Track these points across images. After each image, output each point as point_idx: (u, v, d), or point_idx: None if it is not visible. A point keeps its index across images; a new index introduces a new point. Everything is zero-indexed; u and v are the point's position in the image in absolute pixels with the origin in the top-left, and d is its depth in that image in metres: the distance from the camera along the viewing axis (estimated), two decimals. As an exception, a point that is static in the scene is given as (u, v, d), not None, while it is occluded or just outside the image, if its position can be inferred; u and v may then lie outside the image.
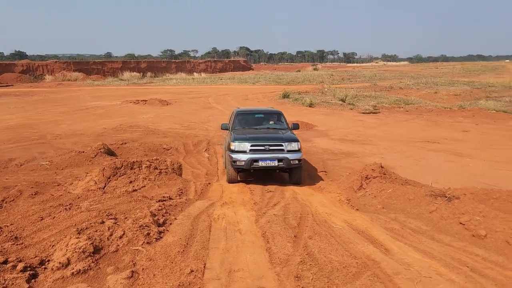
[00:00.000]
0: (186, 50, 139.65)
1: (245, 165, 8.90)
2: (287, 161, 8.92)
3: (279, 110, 11.81)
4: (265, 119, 11.07)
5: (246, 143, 9.06)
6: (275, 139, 9.34)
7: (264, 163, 8.93)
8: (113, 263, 4.22)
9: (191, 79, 55.17)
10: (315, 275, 3.80)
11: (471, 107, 24.86)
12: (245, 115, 11.24)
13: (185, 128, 18.14)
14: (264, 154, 8.99)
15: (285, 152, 9.02)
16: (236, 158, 8.99)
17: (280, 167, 9.03)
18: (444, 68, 73.13)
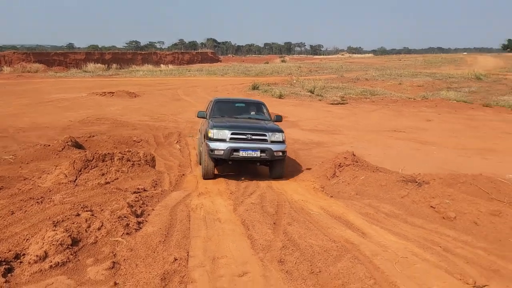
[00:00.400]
0: (152, 42, 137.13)
1: (224, 154, 8.21)
2: (271, 152, 8.31)
3: (261, 101, 11.22)
4: (246, 109, 10.46)
5: (226, 131, 8.34)
6: (258, 129, 8.67)
7: (245, 153, 8.26)
8: (93, 254, 4.15)
9: (159, 71, 54.18)
10: (298, 259, 3.88)
11: (434, 97, 25.76)
12: (224, 103, 10.60)
13: (154, 120, 17.87)
14: (245, 144, 8.32)
15: (269, 143, 8.41)
16: (214, 146, 8.24)
17: (262, 159, 8.41)
18: (407, 60, 75.12)
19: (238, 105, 10.59)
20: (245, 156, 8.29)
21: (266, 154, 8.29)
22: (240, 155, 8.26)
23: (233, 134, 8.34)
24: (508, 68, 46.21)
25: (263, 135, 8.47)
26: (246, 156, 8.29)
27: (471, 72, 36.50)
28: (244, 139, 8.35)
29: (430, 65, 57.79)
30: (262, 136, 8.46)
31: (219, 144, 8.24)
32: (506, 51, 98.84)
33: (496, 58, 68.51)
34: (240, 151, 8.23)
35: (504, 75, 36.64)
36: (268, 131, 8.56)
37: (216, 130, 8.37)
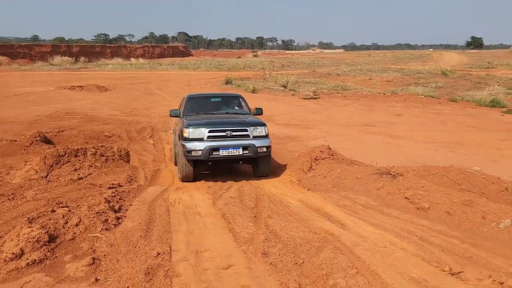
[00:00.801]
0: (122, 35, 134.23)
1: (202, 155, 7.50)
2: (254, 148, 7.64)
3: (238, 94, 10.65)
4: (223, 104, 9.74)
5: (203, 129, 7.68)
6: (238, 124, 8.03)
7: (226, 152, 7.58)
8: (71, 251, 4.06)
9: (129, 65, 53.17)
10: (281, 251, 3.92)
11: (403, 92, 26.38)
12: (199, 99, 9.96)
13: (126, 115, 17.56)
14: (225, 141, 7.65)
15: (251, 139, 7.76)
16: (190, 147, 7.54)
17: (245, 156, 7.74)
18: (376, 55, 76.56)
19: (214, 100, 9.89)
20: (226, 155, 7.63)
21: (249, 151, 7.65)
22: (220, 155, 7.58)
23: (211, 132, 7.70)
24: (472, 64, 47.81)
25: (244, 130, 7.83)
26: (227, 155, 7.63)
27: (437, 68, 37.53)
28: (223, 137, 7.71)
29: (399, 61, 59.12)
30: (243, 132, 7.82)
31: (196, 144, 7.59)
32: (470, 48, 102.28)
33: (460, 55, 70.72)
34: (220, 150, 7.56)
35: (468, 71, 37.90)
36: (249, 126, 7.92)
37: (192, 129, 7.71)
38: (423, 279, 3.44)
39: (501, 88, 25.26)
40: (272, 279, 3.39)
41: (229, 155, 7.63)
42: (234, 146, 7.61)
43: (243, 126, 7.93)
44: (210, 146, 7.54)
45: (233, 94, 10.96)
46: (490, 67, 42.74)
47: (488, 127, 15.84)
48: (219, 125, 7.93)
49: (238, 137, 7.76)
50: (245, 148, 7.64)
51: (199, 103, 9.52)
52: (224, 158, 7.71)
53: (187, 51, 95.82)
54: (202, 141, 7.61)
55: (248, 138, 7.77)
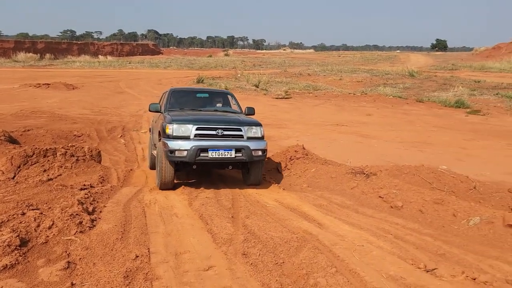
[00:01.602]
0: (89, 32, 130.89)
1: (188, 156, 6.50)
2: (248, 151, 6.69)
3: (228, 91, 9.81)
4: (210, 100, 8.73)
5: (190, 126, 6.69)
6: (230, 122, 7.08)
7: (216, 154, 6.58)
8: (44, 255, 3.93)
9: (97, 62, 51.96)
10: (261, 251, 3.93)
11: (372, 92, 26.96)
12: (183, 93, 8.97)
13: (96, 114, 17.14)
14: (215, 141, 6.69)
15: (245, 140, 6.85)
16: (174, 146, 6.53)
17: (237, 160, 6.77)
18: (346, 56, 77.83)
19: (201, 96, 8.90)
20: (216, 158, 6.61)
21: (242, 154, 6.69)
22: (209, 157, 6.57)
23: (199, 130, 6.71)
24: (437, 66, 49.36)
25: (238, 130, 6.92)
26: (216, 158, 6.61)
27: (405, 69, 38.55)
28: (213, 136, 6.75)
29: (367, 62, 60.34)
30: (236, 131, 6.90)
31: (181, 143, 6.57)
32: (435, 50, 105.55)
33: (426, 57, 72.85)
34: (209, 151, 6.56)
35: (434, 73, 39.12)
36: (243, 125, 7.00)
37: (176, 125, 6.68)
38: (400, 276, 3.53)
39: (465, 89, 26.20)
40: (253, 279, 3.39)
41: (219, 157, 6.62)
42: (225, 148, 6.64)
43: (236, 125, 6.98)
44: (197, 146, 6.52)
45: (222, 91, 9.79)
46: (454, 69, 44.26)
47: (453, 127, 16.42)
48: (208, 122, 6.93)
49: (230, 137, 6.83)
50: (238, 151, 6.69)
51: (184, 97, 8.53)
52: (213, 161, 6.70)
53: (157, 49, 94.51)
54: (188, 140, 6.61)
55: (241, 139, 6.85)
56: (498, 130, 15.79)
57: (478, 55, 64.45)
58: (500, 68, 41.10)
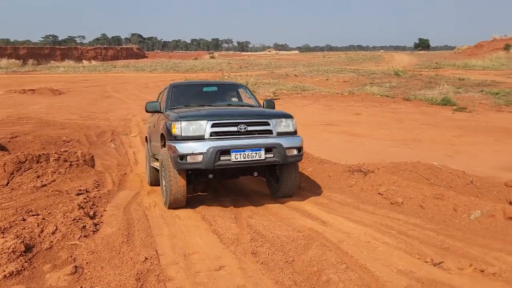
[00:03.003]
0: (72, 36, 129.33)
1: (204, 161, 5.13)
2: (281, 150, 5.40)
3: (240, 83, 8.24)
4: (221, 95, 7.34)
5: (203, 122, 5.33)
6: (254, 114, 5.80)
7: (242, 156, 5.22)
8: (49, 260, 3.87)
9: (81, 67, 51.48)
10: (269, 250, 3.93)
11: (359, 92, 27.19)
12: (187, 88, 7.51)
13: (84, 119, 16.97)
14: (239, 140, 5.35)
15: (275, 136, 5.56)
16: (185, 150, 5.15)
17: (268, 162, 5.42)
18: (331, 57, 78.38)
19: (208, 90, 7.41)
20: (241, 161, 5.26)
21: (274, 154, 5.39)
22: (232, 160, 5.21)
23: (215, 126, 5.35)
24: (421, 65, 50.04)
25: (265, 124, 5.60)
26: (242, 161, 5.26)
27: (390, 68, 38.97)
28: (234, 134, 5.42)
29: (353, 62, 60.87)
30: (263, 126, 5.59)
31: (194, 144, 5.20)
32: (418, 49, 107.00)
33: (409, 56, 73.84)
34: (232, 152, 5.20)
35: (419, 72, 39.64)
36: (271, 117, 5.68)
37: (185, 123, 5.32)
38: (410, 270, 3.57)
39: (450, 87, 26.60)
40: (266, 278, 3.39)
41: (245, 160, 5.26)
42: (252, 147, 5.29)
43: (262, 118, 5.69)
44: (216, 148, 5.15)
45: (233, 83, 8.30)
46: (438, 68, 44.94)
47: (441, 124, 16.64)
48: (227, 116, 5.60)
49: (255, 134, 5.50)
50: (269, 150, 5.37)
51: (187, 93, 7.15)
52: (237, 166, 5.36)
53: (141, 52, 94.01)
54: (202, 140, 5.26)
55: (270, 136, 5.55)
56: (485, 126, 16.06)
57: (460, 54, 65.60)
58: (483, 66, 41.86)
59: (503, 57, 47.75)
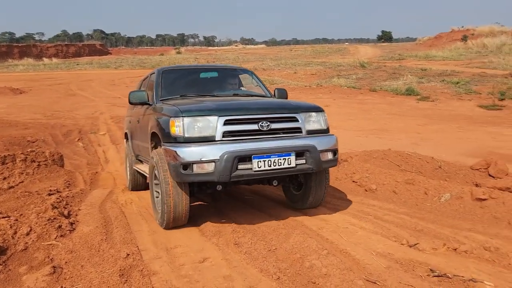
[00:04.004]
0: (30, 33, 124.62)
1: (217, 171, 3.93)
2: (315, 155, 4.26)
3: (244, 67, 6.84)
4: (223, 82, 6.04)
5: (213, 118, 4.10)
6: (278, 107, 4.58)
7: (266, 163, 4.04)
8: (25, 262, 3.76)
9: (42, 65, 49.68)
10: (251, 240, 3.97)
11: (327, 84, 27.59)
12: (180, 73, 6.07)
13: (48, 118, 16.43)
14: (261, 142, 4.11)
15: (304, 136, 4.40)
16: (190, 157, 3.93)
17: (299, 170, 4.25)
18: (297, 50, 78.93)
19: (206, 76, 6.06)
20: (266, 170, 4.06)
21: (306, 159, 4.25)
22: (254, 169, 4.01)
23: (229, 124, 4.13)
24: (385, 57, 51.16)
25: (292, 119, 4.42)
26: (268, 170, 4.06)
27: (356, 60, 39.70)
28: (253, 133, 4.20)
29: (319, 55, 61.56)
30: (290, 122, 4.40)
31: (202, 149, 3.96)
32: (381, 42, 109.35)
33: (373, 48, 75.32)
34: (254, 159, 4.00)
35: (383, 63, 40.54)
36: (298, 111, 4.49)
37: (189, 119, 4.08)
38: (388, 253, 3.70)
39: (413, 77, 27.38)
40: (251, 267, 3.43)
41: (271, 169, 4.06)
42: (280, 151, 4.10)
43: (289, 112, 4.48)
44: (233, 153, 3.94)
45: (237, 68, 6.62)
46: (401, 59, 46.09)
47: (406, 113, 17.17)
48: (243, 110, 4.33)
49: (280, 134, 4.32)
50: (300, 155, 4.22)
51: (181, 80, 5.83)
52: (261, 176, 4.19)
53: (104, 49, 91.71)
54: (213, 143, 4.04)
55: (300, 135, 4.40)
56: (447, 114, 16.68)
57: (421, 45, 67.50)
58: (443, 56, 43.26)
59: (461, 47, 49.45)
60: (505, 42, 43.32)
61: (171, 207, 4.22)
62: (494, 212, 4.67)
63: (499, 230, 4.29)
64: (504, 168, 5.76)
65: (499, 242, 3.89)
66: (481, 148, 9.91)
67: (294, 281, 3.20)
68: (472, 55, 41.22)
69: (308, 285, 3.15)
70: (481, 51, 43.53)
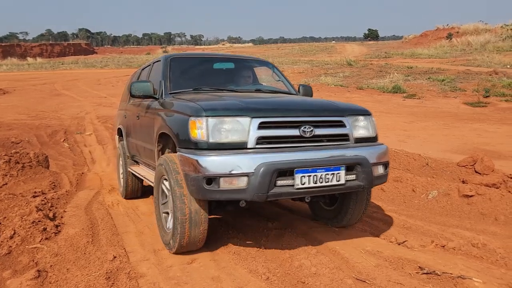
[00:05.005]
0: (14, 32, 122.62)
1: (251, 189, 3.17)
2: (367, 169, 3.52)
3: (263, 59, 5.99)
4: (240, 75, 5.31)
5: (245, 120, 3.35)
6: (321, 109, 3.84)
7: (312, 179, 3.30)
8: (9, 266, 3.68)
9: (26, 65, 49.01)
10: (240, 240, 3.94)
11: (314, 82, 27.65)
12: (192, 62, 5.21)
13: (33, 118, 16.17)
14: (304, 153, 3.36)
15: (353, 144, 3.67)
16: (217, 168, 3.16)
17: (348, 188, 3.51)
18: (285, 49, 79.09)
19: (222, 67, 5.32)
20: (310, 188, 3.33)
21: (357, 174, 3.50)
22: (296, 187, 3.27)
23: (264, 128, 3.38)
24: (371, 55, 51.57)
25: (338, 124, 3.68)
26: (312, 188, 3.33)
27: (342, 59, 39.90)
28: (294, 139, 3.46)
29: (306, 53, 61.77)
30: (335, 127, 3.66)
31: (233, 159, 3.19)
32: (367, 40, 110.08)
33: (360, 46, 75.85)
34: (297, 173, 3.26)
35: (370, 61, 40.82)
36: (345, 113, 3.75)
37: (215, 120, 3.32)
38: (377, 251, 3.70)
39: (400, 75, 27.63)
40: (239, 267, 3.39)
41: (317, 186, 3.33)
42: (328, 165, 3.36)
43: (335, 115, 3.72)
44: (272, 165, 3.18)
45: (256, 58, 5.83)
46: (388, 57, 46.49)
47: (393, 111, 17.29)
48: (281, 111, 3.58)
49: (325, 141, 3.58)
50: (351, 169, 3.50)
51: (193, 70, 5.04)
52: (304, 195, 3.41)
53: (90, 48, 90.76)
54: (244, 152, 3.27)
55: (347, 143, 3.67)
56: (433, 111, 16.85)
57: (407, 43, 68.11)
58: (429, 54, 43.72)
59: (446, 45, 50.02)
60: (489, 40, 43.93)
61: (186, 228, 3.42)
62: (481, 208, 4.72)
63: (486, 226, 4.33)
64: (490, 164, 5.82)
65: (487, 238, 3.92)
66: (467, 144, 10.02)
67: (284, 281, 3.18)
68: (457, 53, 41.74)
69: (298, 284, 3.13)
70: (466, 49, 44.11)
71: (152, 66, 5.28)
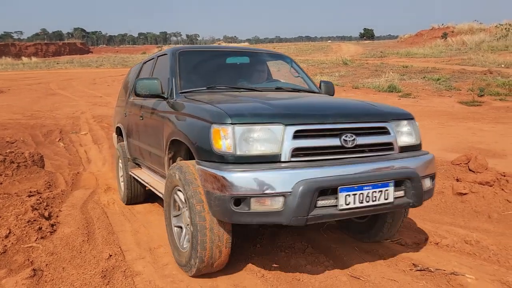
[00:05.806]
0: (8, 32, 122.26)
1: (288, 211, 2.65)
2: (417, 184, 3.03)
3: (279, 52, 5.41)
4: (257, 71, 4.82)
5: (278, 128, 2.82)
6: (360, 113, 3.27)
7: (358, 198, 2.81)
8: (4, 265, 3.68)
9: (21, 64, 48.80)
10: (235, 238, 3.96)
11: (310, 82, 27.72)
12: (202, 56, 4.66)
13: (28, 118, 16.11)
14: (348, 167, 2.83)
15: (398, 155, 3.16)
16: (249, 186, 2.63)
17: (396, 207, 3.03)
18: (280, 48, 79.14)
19: (236, 62, 4.79)
20: (356, 209, 2.85)
21: (406, 191, 3.05)
22: (340, 208, 2.78)
23: (300, 137, 2.87)
24: (367, 54, 51.76)
25: (382, 131, 3.18)
26: (358, 209, 2.86)
27: (338, 58, 40.00)
28: (335, 150, 2.95)
29: (302, 53, 61.86)
30: (378, 135, 3.17)
31: (266, 175, 2.67)
32: (363, 39, 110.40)
33: (356, 46, 76.04)
34: (341, 192, 2.77)
35: (365, 61, 40.97)
36: (388, 118, 3.25)
37: (244, 128, 2.81)
38: (371, 248, 3.73)
39: (395, 75, 27.72)
40: (235, 265, 3.42)
41: (363, 206, 2.87)
42: (376, 180, 2.89)
43: (378, 120, 3.22)
44: (313, 183, 2.68)
45: (272, 52, 5.21)
46: (383, 56, 46.65)
47: (389, 110, 17.37)
48: (318, 116, 3.03)
49: (367, 151, 3.07)
50: (399, 184, 3.04)
51: (204, 66, 4.50)
52: (349, 217, 3.04)
53: (85, 47, 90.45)
54: (279, 167, 2.76)
55: (391, 154, 3.16)
56: (428, 110, 16.92)
57: (403, 42, 68.36)
58: (424, 54, 43.93)
59: (441, 45, 50.26)
60: (484, 39, 44.17)
61: (206, 249, 2.95)
62: (475, 206, 4.76)
63: (479, 224, 4.37)
64: (483, 162, 5.86)
65: (480, 235, 3.96)
66: (462, 143, 10.07)
67: (279, 278, 3.20)
68: (452, 52, 41.93)
69: (293, 282, 3.16)
70: (461, 48, 44.34)
71: (156, 60, 4.73)
